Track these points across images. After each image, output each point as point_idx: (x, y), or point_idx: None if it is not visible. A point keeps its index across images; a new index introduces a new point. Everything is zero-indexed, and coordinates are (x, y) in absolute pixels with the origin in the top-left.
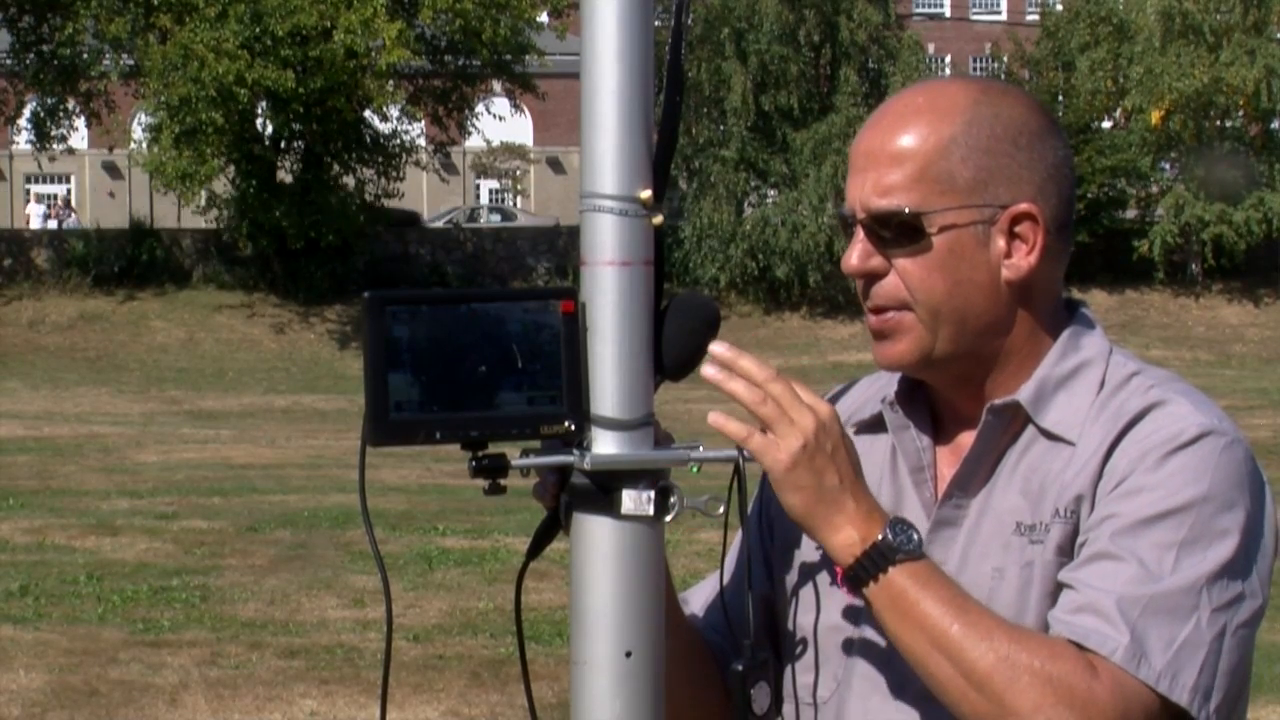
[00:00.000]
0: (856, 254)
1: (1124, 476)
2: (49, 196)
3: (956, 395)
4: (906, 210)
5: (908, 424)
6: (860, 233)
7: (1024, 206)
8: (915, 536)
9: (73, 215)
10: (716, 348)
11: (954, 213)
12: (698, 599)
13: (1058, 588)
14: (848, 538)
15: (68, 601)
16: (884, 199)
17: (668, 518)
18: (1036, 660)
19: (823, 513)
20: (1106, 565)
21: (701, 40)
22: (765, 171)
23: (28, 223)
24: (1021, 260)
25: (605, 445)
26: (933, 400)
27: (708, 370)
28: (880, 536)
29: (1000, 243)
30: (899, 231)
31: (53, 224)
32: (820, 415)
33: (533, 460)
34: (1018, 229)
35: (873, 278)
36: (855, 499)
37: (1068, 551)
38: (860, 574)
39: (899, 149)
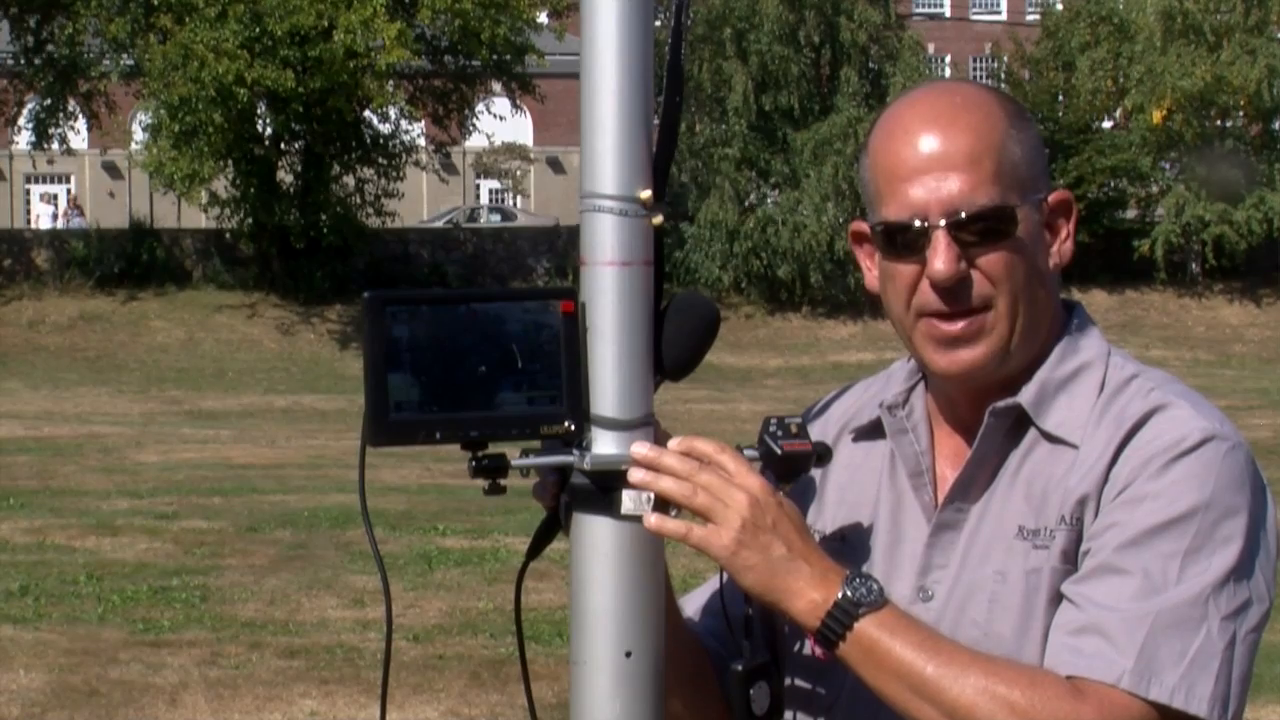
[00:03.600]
0: (945, 259)
1: (1127, 484)
2: (51, 197)
3: (961, 399)
4: (1004, 205)
5: (906, 428)
6: (943, 238)
7: (1061, 194)
8: (875, 586)
9: (80, 216)
10: (638, 449)
11: (1030, 204)
12: (693, 605)
13: (1062, 595)
14: (809, 602)
15: (68, 601)
16: (973, 197)
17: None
18: (1016, 690)
19: (779, 585)
20: (1111, 580)
21: (702, 40)
22: (766, 171)
23: (37, 222)
24: (1061, 246)
25: (605, 445)
26: (930, 404)
27: (634, 474)
28: (840, 594)
29: (1046, 232)
30: (986, 230)
31: (60, 223)
32: (752, 491)
33: (533, 460)
34: (1058, 218)
35: (961, 282)
36: (808, 563)
37: (1072, 558)
38: (829, 634)
39: (970, 148)
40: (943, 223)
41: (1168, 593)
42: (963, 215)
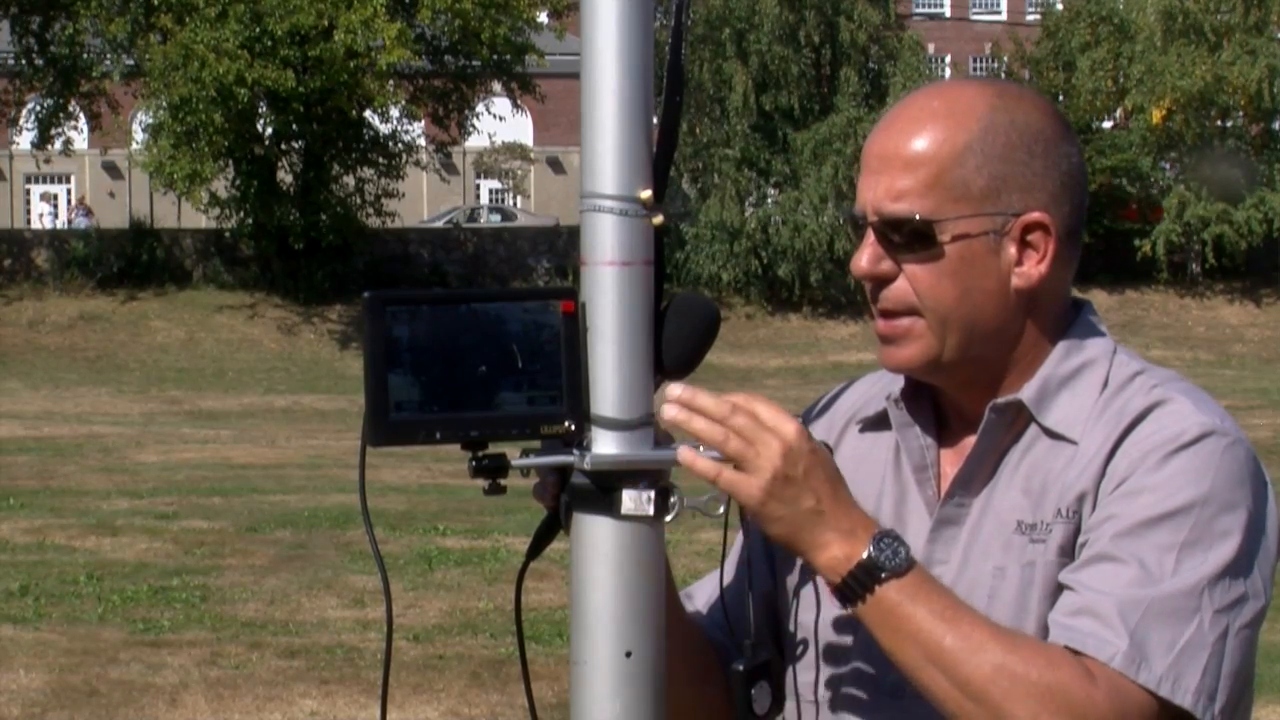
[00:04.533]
0: (866, 257)
1: (1125, 477)
2: (52, 197)
3: (962, 395)
4: (918, 217)
5: (912, 422)
6: (871, 235)
7: (1036, 216)
8: (903, 550)
9: (86, 216)
10: (674, 389)
11: (966, 221)
12: (702, 595)
13: (1058, 588)
14: (832, 557)
15: (68, 601)
16: (896, 204)
17: (668, 518)
18: (1033, 669)
19: (806, 537)
20: (1107, 567)
21: (702, 40)
22: (767, 171)
23: (43, 220)
24: (1032, 269)
25: (605, 445)
26: (938, 399)
27: (669, 411)
28: (865, 554)
29: (1011, 251)
30: (910, 237)
31: (62, 223)
32: (786, 438)
33: (533, 460)
34: (1029, 237)
35: (882, 281)
36: (836, 517)
37: (1069, 552)
38: (849, 592)
39: (913, 153)
40: (871, 221)
41: (1163, 584)
42: (877, 217)
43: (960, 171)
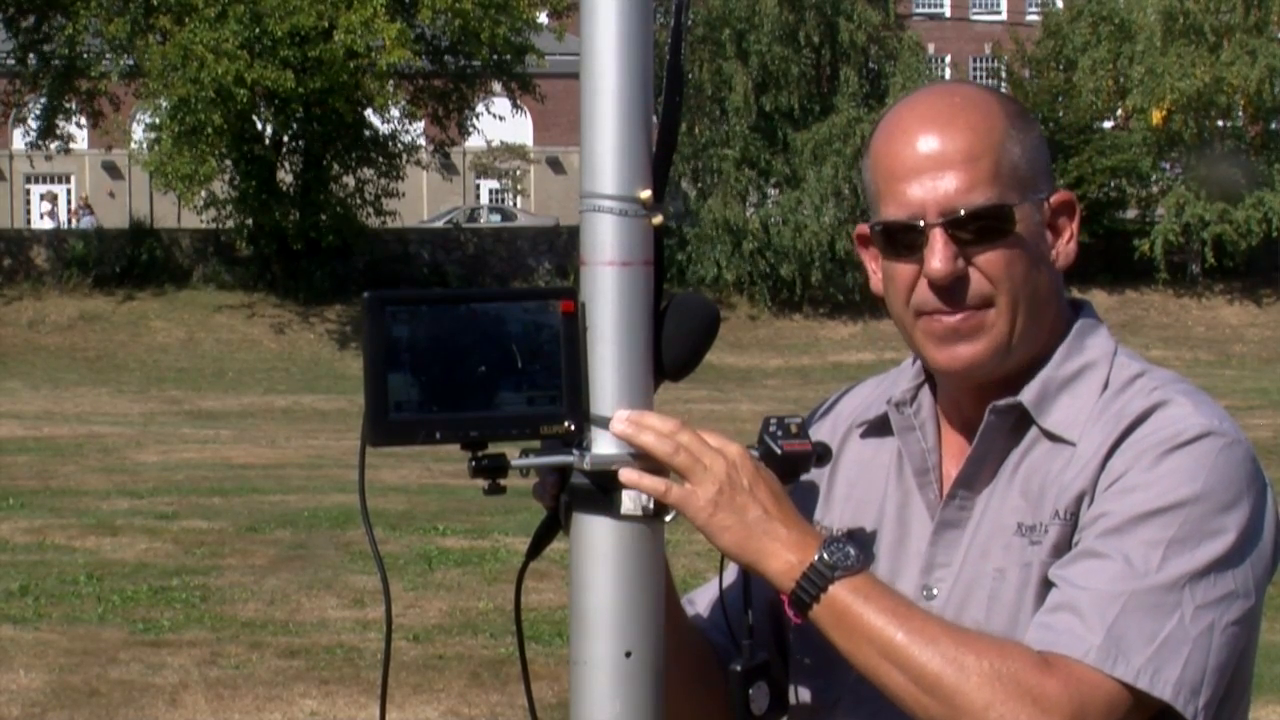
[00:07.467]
0: (942, 258)
1: (1120, 475)
2: (52, 196)
3: (967, 397)
4: (1001, 204)
5: (913, 426)
6: (940, 237)
7: (1064, 194)
8: (852, 553)
9: (89, 215)
10: (621, 412)
11: (1028, 204)
12: (703, 599)
13: (1049, 586)
14: (784, 563)
15: (68, 601)
16: (972, 196)
17: (667, 518)
18: (985, 660)
19: (754, 546)
20: (1092, 563)
21: (702, 40)
22: (767, 171)
23: (47, 216)
24: (1064, 246)
25: (605, 445)
26: (938, 402)
27: (617, 427)
28: (817, 557)
29: (1048, 233)
30: (986, 227)
31: (68, 220)
32: (730, 456)
33: (532, 460)
34: (1059, 218)
35: (958, 281)
36: (786, 526)
37: (1064, 551)
38: (803, 596)
39: (969, 146)
40: (940, 221)
41: (1147, 578)
42: (960, 213)
43: (1010, 157)
